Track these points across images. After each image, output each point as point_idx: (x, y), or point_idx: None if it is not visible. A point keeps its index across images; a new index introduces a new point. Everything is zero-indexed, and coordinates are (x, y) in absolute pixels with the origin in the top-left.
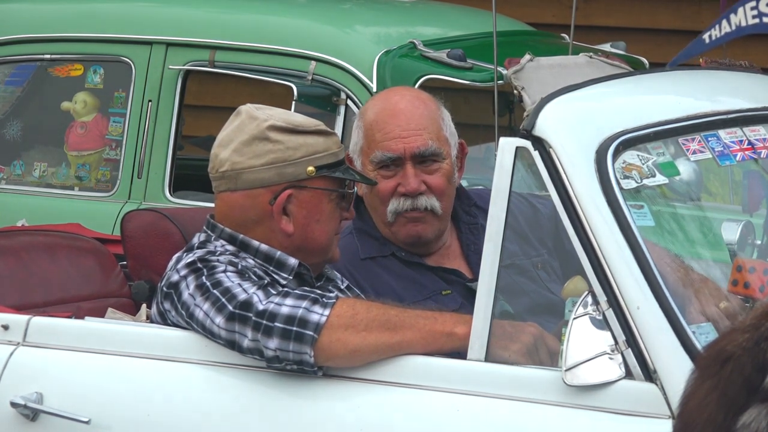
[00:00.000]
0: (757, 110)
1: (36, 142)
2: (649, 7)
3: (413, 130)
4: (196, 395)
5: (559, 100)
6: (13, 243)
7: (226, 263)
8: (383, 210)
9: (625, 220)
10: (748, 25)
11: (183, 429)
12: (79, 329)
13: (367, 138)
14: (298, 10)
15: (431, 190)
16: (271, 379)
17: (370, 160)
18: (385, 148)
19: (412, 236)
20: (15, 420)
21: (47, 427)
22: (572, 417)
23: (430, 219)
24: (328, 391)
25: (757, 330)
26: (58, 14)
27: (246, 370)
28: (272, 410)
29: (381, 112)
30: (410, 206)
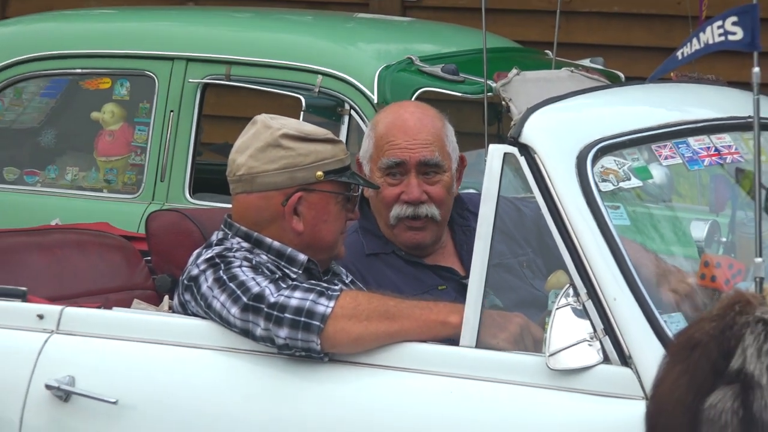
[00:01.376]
0: (722, 120)
1: (68, 149)
2: (624, 26)
3: (419, 142)
4: (214, 378)
5: (543, 110)
6: (48, 240)
7: (242, 259)
8: (387, 214)
9: (603, 220)
10: (715, 42)
11: (202, 408)
12: (107, 318)
13: (377, 147)
14: (306, 28)
15: (432, 199)
16: (282, 364)
17: (378, 166)
18: (390, 155)
19: (413, 243)
20: (49, 401)
21: (78, 407)
22: (555, 398)
23: (429, 226)
24: (333, 375)
25: (723, 319)
26: (88, 32)
27: (259, 356)
28: (283, 392)
29: (391, 125)
30: (412, 213)
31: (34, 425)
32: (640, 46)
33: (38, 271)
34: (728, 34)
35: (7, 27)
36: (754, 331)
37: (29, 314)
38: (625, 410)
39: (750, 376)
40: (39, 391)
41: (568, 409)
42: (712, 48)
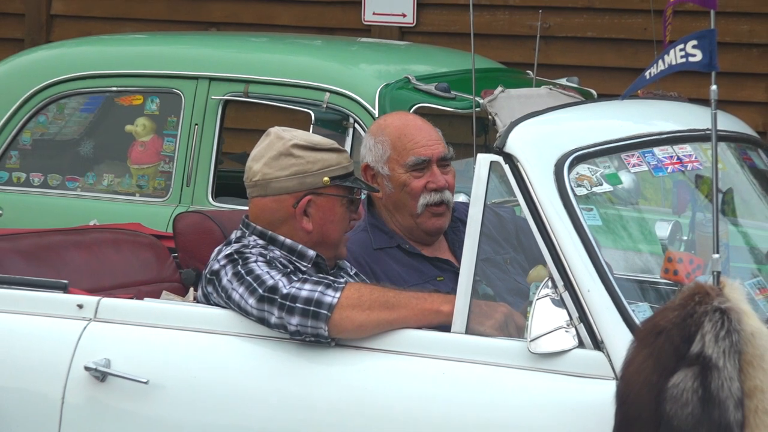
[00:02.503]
0: (684, 132)
1: (104, 158)
2: (597, 49)
3: (435, 140)
4: (234, 361)
5: (525, 123)
6: (86, 239)
7: (257, 255)
8: (414, 204)
9: (578, 220)
10: (678, 63)
11: (222, 387)
12: (139, 308)
13: (396, 148)
14: (315, 51)
15: (448, 186)
16: (294, 349)
17: (403, 164)
18: (417, 153)
19: (436, 228)
20: (88, 381)
21: (113, 386)
22: (535, 379)
23: (446, 213)
24: (339, 358)
25: (684, 309)
26: (122, 55)
27: (273, 341)
28: (294, 373)
29: (405, 127)
30: (438, 200)
31: (74, 402)
32: (611, 66)
33: (78, 266)
34: (689, 56)
35: (51, 50)
36: (712, 319)
37: (70, 304)
38: (597, 389)
39: (708, 359)
40: (78, 372)
41: (548, 389)
42: (675, 68)
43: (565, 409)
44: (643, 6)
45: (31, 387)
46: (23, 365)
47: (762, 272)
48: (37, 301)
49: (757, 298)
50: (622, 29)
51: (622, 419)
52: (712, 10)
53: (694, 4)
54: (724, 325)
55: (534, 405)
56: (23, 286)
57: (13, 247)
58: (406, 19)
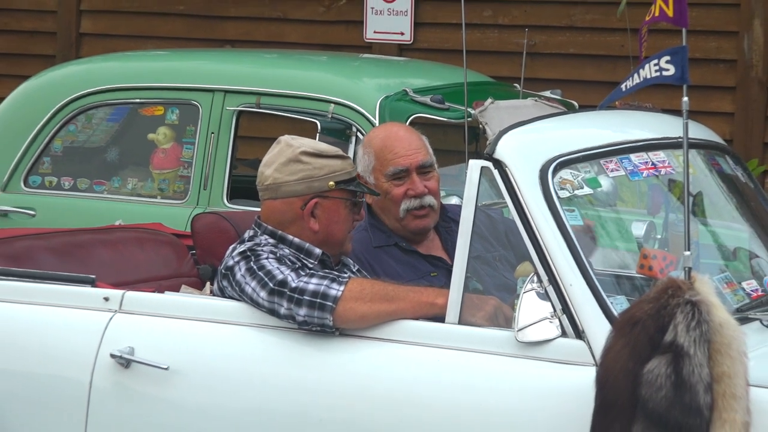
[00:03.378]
0: (657, 140)
1: (129, 163)
2: (578, 65)
3: (414, 149)
4: (246, 349)
5: (512, 132)
6: (112, 237)
7: (268, 252)
8: (396, 210)
9: (561, 220)
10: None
11: (236, 373)
12: (160, 301)
13: (379, 159)
14: (321, 66)
15: (430, 191)
16: (301, 337)
17: (384, 174)
18: (396, 164)
19: (420, 228)
20: (113, 367)
21: (137, 372)
22: (522, 365)
23: (431, 213)
24: (343, 346)
25: (658, 301)
26: (145, 69)
27: (283, 331)
28: (302, 360)
29: (386, 139)
30: (418, 204)
31: (101, 386)
32: (591, 80)
33: (104, 262)
34: (663, 71)
35: (80, 65)
36: (683, 311)
37: (97, 297)
38: (579, 375)
39: (680, 347)
40: (105, 359)
41: (534, 374)
42: (649, 81)
43: (549, 393)
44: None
45: (62, 373)
46: (55, 353)
47: (729, 268)
48: (67, 295)
49: (724, 291)
50: (601, 46)
51: (601, 402)
52: (684, 28)
53: (667, 23)
54: (694, 317)
55: (521, 389)
56: (55, 281)
57: (45, 245)
58: (404, 37)
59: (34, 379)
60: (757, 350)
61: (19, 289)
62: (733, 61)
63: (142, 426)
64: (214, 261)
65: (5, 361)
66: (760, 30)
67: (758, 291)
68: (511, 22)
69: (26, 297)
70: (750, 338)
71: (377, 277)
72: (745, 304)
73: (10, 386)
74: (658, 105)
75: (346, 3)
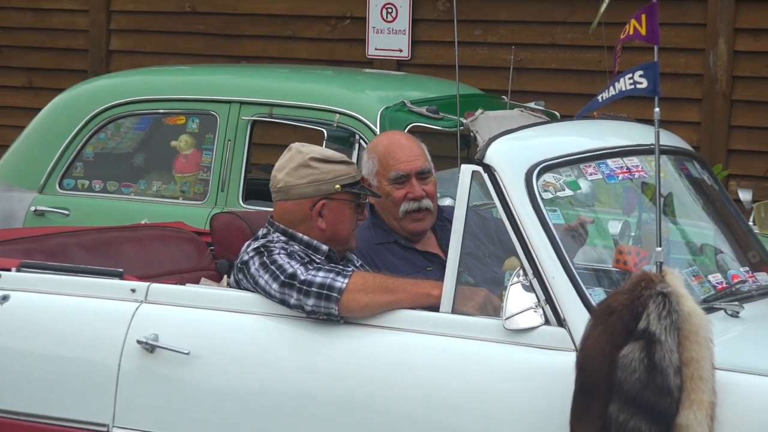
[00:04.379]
0: (631, 146)
1: (153, 168)
2: (560, 78)
3: (415, 156)
4: (260, 335)
5: (501, 139)
6: (138, 235)
7: (280, 248)
8: (396, 211)
9: (544, 219)
10: (627, 89)
11: (250, 357)
12: (182, 292)
13: (382, 164)
14: (328, 80)
15: (428, 195)
16: (310, 325)
17: (387, 178)
18: (398, 169)
19: (417, 230)
20: (139, 352)
21: (160, 356)
22: (510, 350)
23: (427, 216)
24: (347, 333)
25: (633, 292)
26: (168, 83)
27: (292, 319)
28: (310, 345)
29: (389, 146)
30: (416, 207)
31: (128, 369)
32: (571, 93)
33: (131, 257)
34: (636, 84)
35: (109, 79)
36: (655, 301)
37: (125, 289)
38: (560, 359)
39: (653, 334)
40: (132, 344)
41: (520, 359)
42: (624, 93)
43: (534, 375)
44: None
45: (94, 357)
46: (87, 339)
47: (696, 262)
48: (97, 286)
49: (692, 283)
50: (581, 62)
51: (581, 384)
52: (655, 45)
53: (640, 41)
54: (665, 306)
55: (508, 372)
56: (86, 274)
57: (77, 242)
58: (402, 53)
59: (68, 362)
60: (721, 337)
61: (54, 282)
62: (700, 75)
63: (164, 405)
64: (231, 256)
65: (43, 346)
66: (724, 47)
67: (723, 283)
68: (499, 40)
69: (61, 288)
70: (715, 326)
71: (378, 270)
72: (711, 295)
73: (47, 368)
74: (632, 115)
75: (350, 23)
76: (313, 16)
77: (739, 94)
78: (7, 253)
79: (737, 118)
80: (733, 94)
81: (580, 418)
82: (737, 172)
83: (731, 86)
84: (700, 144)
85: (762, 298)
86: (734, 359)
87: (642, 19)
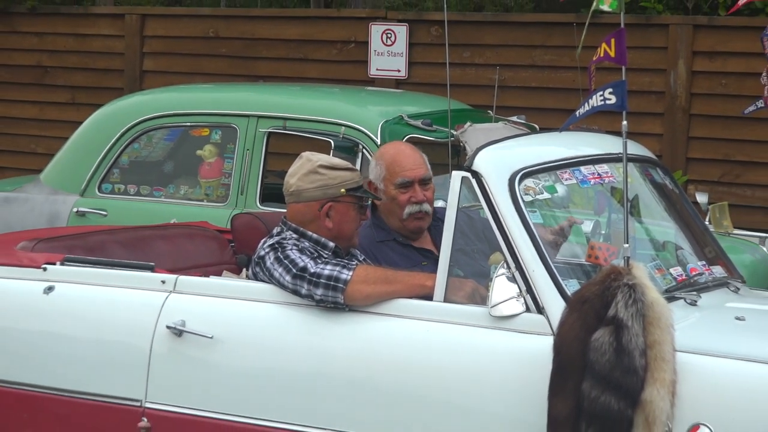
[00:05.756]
0: (602, 155)
1: (181, 174)
2: (539, 95)
3: (418, 165)
4: (275, 321)
5: (487, 148)
6: (168, 233)
7: (292, 244)
8: (401, 212)
9: (525, 219)
10: (598, 105)
11: (266, 340)
12: (206, 283)
13: (389, 170)
14: (335, 96)
15: (427, 199)
16: (318, 312)
17: (393, 183)
18: (404, 176)
19: (418, 228)
20: (168, 336)
21: (187, 340)
22: (495, 335)
23: (426, 217)
24: (352, 319)
25: (603, 284)
26: (194, 99)
27: (304, 307)
28: (319, 331)
29: (396, 155)
30: (418, 210)
31: (159, 351)
32: (549, 108)
33: (161, 252)
34: (606, 100)
35: (143, 96)
36: (623, 291)
37: (156, 280)
38: (539, 342)
39: (621, 321)
40: (162, 329)
41: (504, 342)
42: (596, 109)
43: (516, 356)
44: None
45: (128, 340)
46: (122, 325)
47: (659, 257)
48: (131, 278)
49: (656, 276)
50: (557, 81)
51: (557, 365)
52: (623, 66)
53: (610, 62)
54: (632, 296)
55: (494, 353)
56: (122, 267)
57: (114, 239)
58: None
59: (106, 345)
60: (681, 323)
61: (93, 274)
62: (662, 92)
63: (191, 382)
64: (249, 251)
65: (83, 331)
66: (684, 68)
67: (682, 276)
68: (485, 61)
69: (99, 280)
70: (676, 313)
71: (379, 265)
72: (672, 286)
73: (87, 351)
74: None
75: (354, 47)
76: (321, 40)
77: (697, 109)
78: (52, 249)
79: (695, 130)
80: (692, 109)
81: (557, 394)
82: (695, 177)
83: (689, 102)
84: (663, 153)
85: (717, 288)
86: (692, 342)
87: (612, 43)
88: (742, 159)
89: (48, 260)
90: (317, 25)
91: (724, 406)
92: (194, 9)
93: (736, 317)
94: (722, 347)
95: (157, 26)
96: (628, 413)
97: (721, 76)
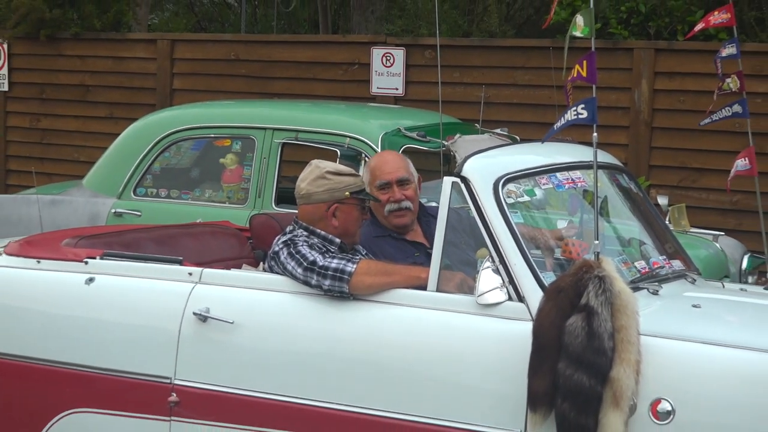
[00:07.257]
0: (575, 163)
1: (206, 179)
2: (520, 110)
3: (396, 168)
4: (288, 308)
5: (474, 157)
6: (194, 231)
7: (303, 241)
8: (382, 210)
9: (507, 219)
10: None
11: (281, 326)
12: (228, 275)
13: (372, 175)
14: (341, 111)
15: (407, 197)
16: (326, 301)
17: (374, 185)
18: (382, 178)
19: (400, 224)
20: (195, 321)
21: (212, 325)
22: (481, 320)
23: (408, 213)
24: (356, 307)
25: (576, 276)
26: (217, 114)
27: (313, 296)
28: (327, 317)
29: (377, 162)
30: (397, 207)
31: (187, 334)
32: (528, 121)
33: (189, 248)
34: (579, 114)
35: (173, 111)
36: (594, 282)
37: (184, 272)
38: (520, 327)
39: (592, 308)
40: (189, 315)
41: (489, 326)
42: (570, 122)
43: (500, 339)
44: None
45: (160, 325)
46: (155, 311)
47: (625, 252)
48: (163, 271)
49: (622, 268)
50: (536, 98)
51: (536, 347)
52: (594, 84)
53: (582, 81)
54: (601, 286)
55: (480, 337)
56: (154, 261)
57: (147, 236)
58: (398, 91)
59: (140, 329)
60: (645, 310)
61: (129, 267)
62: (627, 108)
63: (214, 362)
64: (265, 247)
65: (120, 317)
66: (646, 86)
67: (646, 268)
68: (472, 80)
69: (134, 272)
70: (640, 301)
71: (378, 258)
72: (637, 278)
73: (123, 334)
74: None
75: (358, 68)
76: (329, 62)
77: (658, 122)
78: (93, 245)
79: (656, 141)
80: (653, 123)
81: (536, 373)
82: (656, 182)
83: (652, 116)
84: (628, 161)
85: (676, 279)
86: (654, 327)
87: (584, 64)
88: (697, 166)
89: (89, 255)
90: (325, 49)
91: (682, 383)
92: (218, 35)
93: (693, 305)
94: (681, 331)
95: (185, 50)
96: (598, 389)
97: (680, 93)
